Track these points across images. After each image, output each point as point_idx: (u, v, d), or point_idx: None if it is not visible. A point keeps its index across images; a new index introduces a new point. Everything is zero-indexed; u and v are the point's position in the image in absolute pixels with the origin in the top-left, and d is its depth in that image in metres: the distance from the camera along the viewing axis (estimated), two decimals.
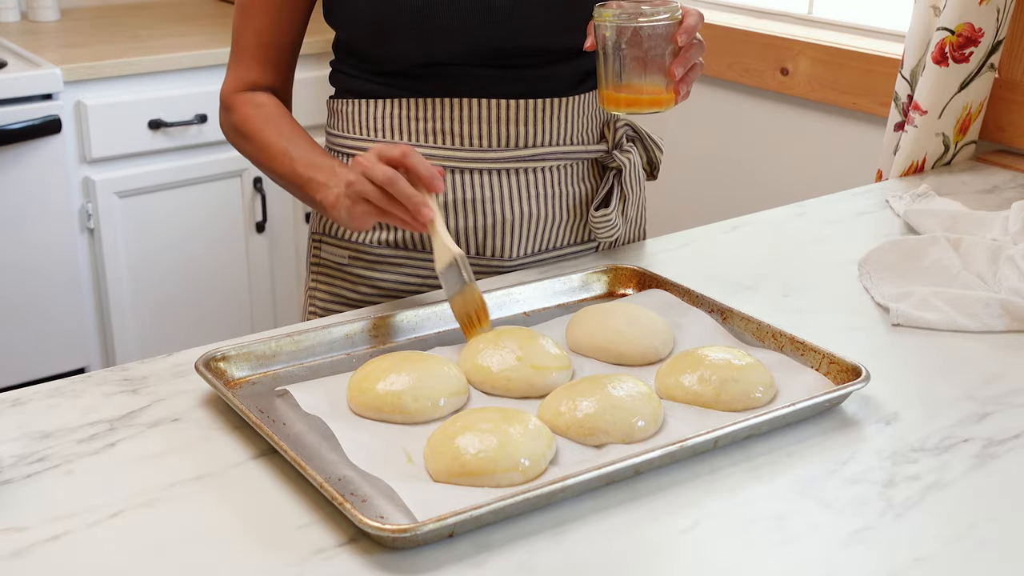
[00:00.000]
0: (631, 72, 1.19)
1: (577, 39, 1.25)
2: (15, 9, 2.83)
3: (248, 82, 1.32)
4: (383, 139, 1.31)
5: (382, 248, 1.32)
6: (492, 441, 0.90)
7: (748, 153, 2.31)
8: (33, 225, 2.39)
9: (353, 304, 1.34)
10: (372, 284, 1.33)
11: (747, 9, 2.40)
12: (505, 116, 1.28)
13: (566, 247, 1.36)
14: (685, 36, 1.17)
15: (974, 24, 1.72)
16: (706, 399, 1.01)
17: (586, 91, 1.34)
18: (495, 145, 1.28)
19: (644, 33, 1.16)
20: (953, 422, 1.03)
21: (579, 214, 1.35)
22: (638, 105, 1.21)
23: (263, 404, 1.02)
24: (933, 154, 1.82)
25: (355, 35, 1.30)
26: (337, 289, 1.36)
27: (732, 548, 0.84)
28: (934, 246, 1.38)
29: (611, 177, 1.36)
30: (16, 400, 1.03)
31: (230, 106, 1.32)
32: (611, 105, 1.21)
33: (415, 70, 1.28)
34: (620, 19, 1.16)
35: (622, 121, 1.39)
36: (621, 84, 1.19)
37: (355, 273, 1.34)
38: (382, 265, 1.32)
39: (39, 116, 2.33)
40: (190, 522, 0.86)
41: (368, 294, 1.34)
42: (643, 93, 1.19)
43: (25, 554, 0.81)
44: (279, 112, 1.31)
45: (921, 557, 0.84)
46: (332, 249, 1.35)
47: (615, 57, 1.18)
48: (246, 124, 1.30)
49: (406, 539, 0.81)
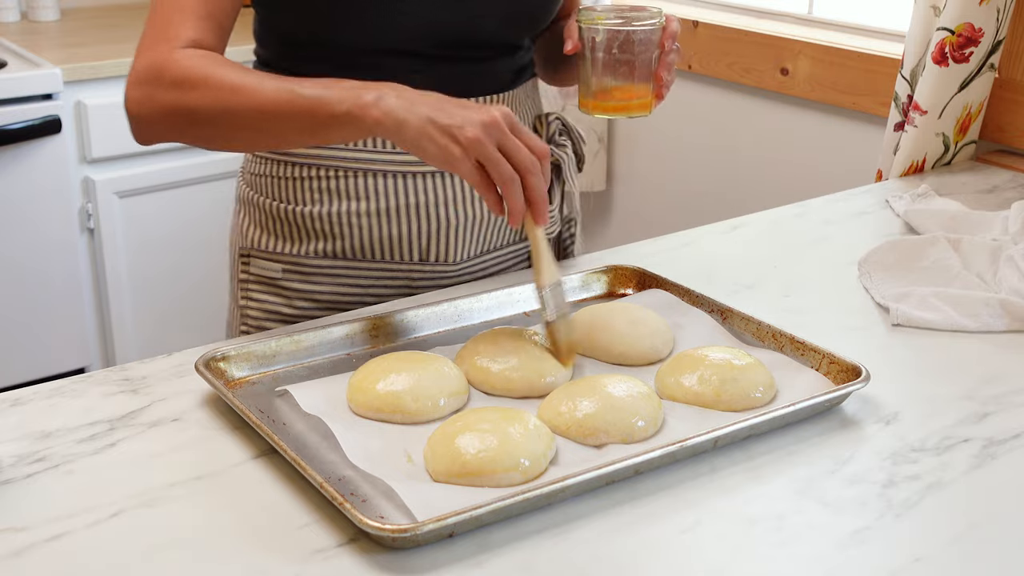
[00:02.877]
0: (619, 77, 1.18)
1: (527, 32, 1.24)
2: (15, 9, 2.83)
3: (185, 42, 1.10)
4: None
5: (319, 259, 1.26)
6: (492, 441, 0.90)
7: (748, 153, 2.31)
8: (33, 225, 2.39)
9: (288, 318, 1.28)
10: (309, 297, 1.28)
11: (747, 9, 2.40)
12: None
13: (507, 247, 1.34)
14: (671, 41, 1.17)
15: (974, 24, 1.71)
16: (706, 399, 1.01)
17: (518, 86, 1.31)
18: None
19: (636, 38, 1.16)
20: (953, 422, 1.03)
21: None
22: (627, 110, 1.20)
23: (263, 404, 1.02)
24: (933, 154, 1.82)
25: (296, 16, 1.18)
26: (271, 305, 1.29)
27: (732, 548, 0.84)
28: (934, 246, 1.38)
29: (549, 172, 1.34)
30: (16, 400, 1.03)
31: (162, 66, 1.07)
32: (597, 110, 1.20)
33: (357, 59, 1.19)
34: (612, 23, 1.16)
35: (553, 115, 1.36)
36: (608, 88, 1.19)
37: (290, 287, 1.28)
38: (319, 277, 1.27)
39: (39, 116, 2.33)
40: (190, 522, 0.85)
41: (305, 308, 1.28)
42: (631, 98, 1.19)
43: (25, 554, 0.81)
44: (235, 63, 1.10)
45: (921, 557, 0.84)
46: (262, 263, 1.29)
47: (604, 61, 1.17)
48: (193, 71, 1.07)
49: (406, 539, 0.81)
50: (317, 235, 1.26)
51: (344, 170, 1.24)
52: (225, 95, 1.05)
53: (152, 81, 1.09)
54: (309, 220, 1.26)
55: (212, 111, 1.06)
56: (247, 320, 1.31)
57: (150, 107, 1.09)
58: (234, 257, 1.34)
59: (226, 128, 1.08)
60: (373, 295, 1.28)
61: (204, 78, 1.06)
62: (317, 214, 1.25)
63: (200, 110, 1.07)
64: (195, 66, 1.07)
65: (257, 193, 1.30)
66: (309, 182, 1.25)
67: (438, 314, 1.17)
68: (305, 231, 1.26)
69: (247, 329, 1.31)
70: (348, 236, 1.25)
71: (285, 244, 1.28)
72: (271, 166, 1.28)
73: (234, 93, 1.05)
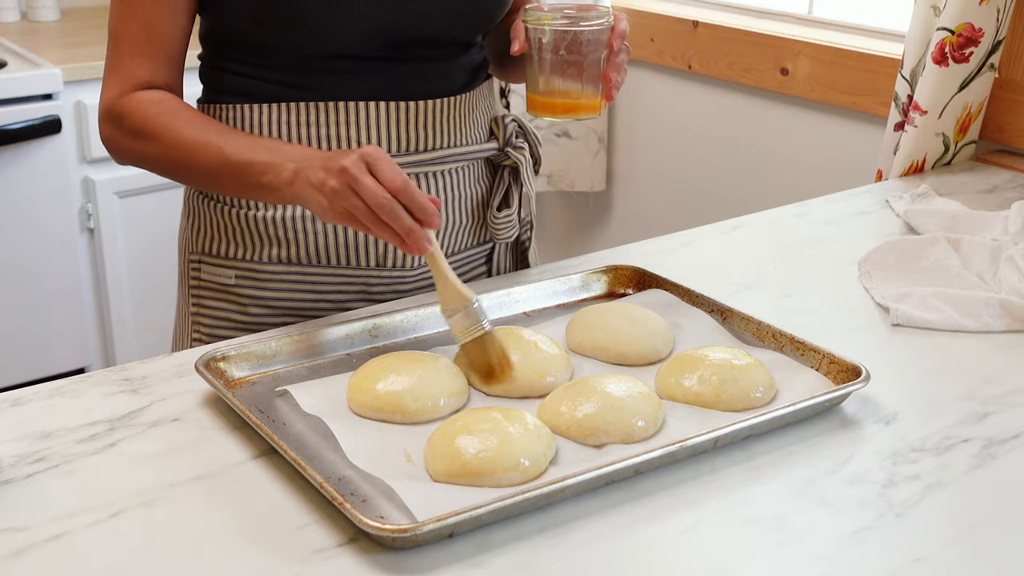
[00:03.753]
0: (567, 78, 1.15)
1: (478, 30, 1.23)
2: (15, 9, 2.83)
3: (139, 81, 1.17)
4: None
5: (273, 265, 1.23)
6: (492, 441, 0.90)
7: (748, 153, 2.31)
8: (33, 225, 2.39)
9: (243, 326, 1.25)
10: (263, 304, 1.25)
11: (747, 9, 2.40)
12: (404, 118, 1.21)
13: (464, 251, 1.32)
14: (619, 41, 1.15)
15: (974, 24, 1.71)
16: (706, 399, 1.01)
17: (477, 87, 1.30)
18: (393, 151, 1.22)
19: (583, 38, 1.13)
20: (953, 422, 1.03)
21: (476, 216, 1.31)
22: (575, 111, 1.17)
23: (263, 404, 1.02)
24: (933, 154, 1.82)
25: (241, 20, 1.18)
26: (224, 312, 1.26)
27: (732, 548, 0.84)
28: (934, 246, 1.38)
29: (507, 175, 1.31)
30: (16, 400, 1.03)
31: (121, 112, 1.16)
32: (546, 112, 1.17)
33: (310, 63, 1.19)
34: (559, 23, 1.13)
35: (510, 117, 1.34)
36: (555, 90, 1.16)
37: (243, 294, 1.25)
38: (274, 283, 1.24)
39: (39, 116, 2.33)
40: (190, 522, 0.85)
41: (259, 315, 1.25)
42: (580, 99, 1.16)
43: (25, 554, 0.81)
44: (182, 106, 1.17)
45: (921, 557, 0.84)
46: (214, 270, 1.26)
47: (551, 62, 1.15)
48: (147, 125, 1.15)
49: (406, 539, 0.81)
50: (271, 240, 1.23)
51: None
52: (173, 153, 1.14)
53: (115, 124, 1.18)
54: (262, 225, 1.22)
55: (163, 165, 1.17)
56: (199, 328, 1.28)
57: (116, 146, 1.20)
58: (184, 263, 1.30)
59: (178, 177, 1.19)
60: (329, 301, 1.25)
61: (154, 133, 1.15)
62: (270, 219, 1.22)
63: (154, 161, 1.18)
64: (149, 118, 1.15)
65: (207, 197, 1.27)
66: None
67: (438, 314, 1.17)
68: (258, 236, 1.23)
69: (199, 336, 1.28)
70: (303, 241, 1.22)
71: (238, 250, 1.24)
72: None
73: (179, 151, 1.14)
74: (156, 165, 1.18)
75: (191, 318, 1.29)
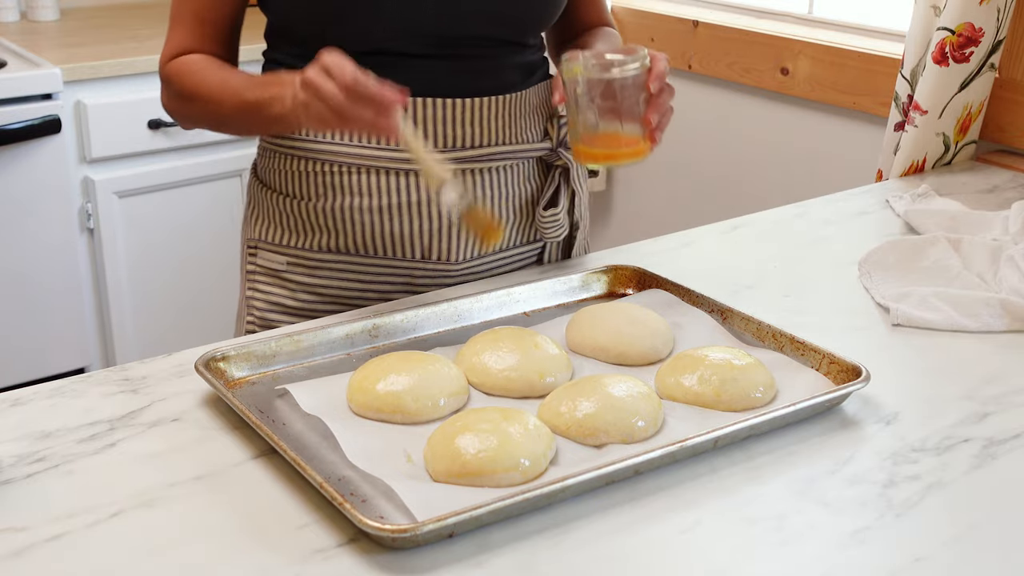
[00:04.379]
0: (606, 124, 1.14)
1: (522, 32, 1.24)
2: (15, 9, 2.83)
3: (183, 49, 1.27)
4: (326, 138, 1.25)
5: (322, 253, 1.28)
6: (492, 441, 0.90)
7: (748, 153, 2.31)
8: (33, 225, 2.39)
9: (292, 312, 1.30)
10: (312, 291, 1.29)
11: (747, 9, 2.40)
12: (452, 116, 1.24)
13: (512, 248, 1.34)
14: (657, 83, 1.13)
15: (974, 24, 1.72)
16: (706, 399, 1.01)
17: (532, 86, 1.31)
18: (442, 146, 1.24)
19: (617, 85, 1.12)
20: (953, 422, 1.03)
21: (525, 214, 1.33)
22: (616, 158, 1.17)
23: (263, 404, 1.02)
24: (933, 154, 1.82)
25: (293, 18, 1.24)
26: (275, 297, 1.31)
27: (732, 548, 0.84)
28: (934, 246, 1.38)
29: (557, 175, 1.33)
30: (16, 400, 1.03)
31: (168, 76, 1.27)
32: (588, 160, 1.17)
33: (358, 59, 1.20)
34: (591, 71, 1.12)
35: (565, 117, 1.34)
36: (596, 137, 1.15)
37: (294, 280, 1.30)
38: (322, 271, 1.28)
39: (39, 116, 2.33)
40: (190, 522, 0.85)
41: (308, 301, 1.29)
42: (620, 145, 1.15)
43: (25, 554, 0.81)
44: (212, 62, 1.25)
45: (921, 557, 0.84)
46: (268, 255, 1.31)
47: (588, 110, 1.14)
48: (185, 85, 1.24)
49: (406, 539, 0.81)
50: (321, 229, 1.27)
51: (349, 166, 1.25)
52: (209, 107, 1.23)
53: (166, 89, 1.29)
54: (314, 214, 1.27)
55: (204, 119, 1.28)
56: (253, 311, 1.33)
57: (171, 108, 1.30)
58: (243, 249, 1.37)
59: (223, 129, 1.29)
60: (375, 291, 1.29)
61: (192, 91, 1.24)
62: (321, 208, 1.26)
63: (198, 118, 1.28)
64: (185, 75, 1.25)
65: (265, 186, 1.32)
66: (315, 177, 1.26)
67: (438, 314, 1.17)
68: (310, 225, 1.28)
69: (252, 320, 1.33)
70: (351, 231, 1.26)
71: (291, 237, 1.30)
72: (279, 160, 1.30)
73: (211, 103, 1.22)
74: (204, 121, 1.28)
75: (246, 302, 1.35)
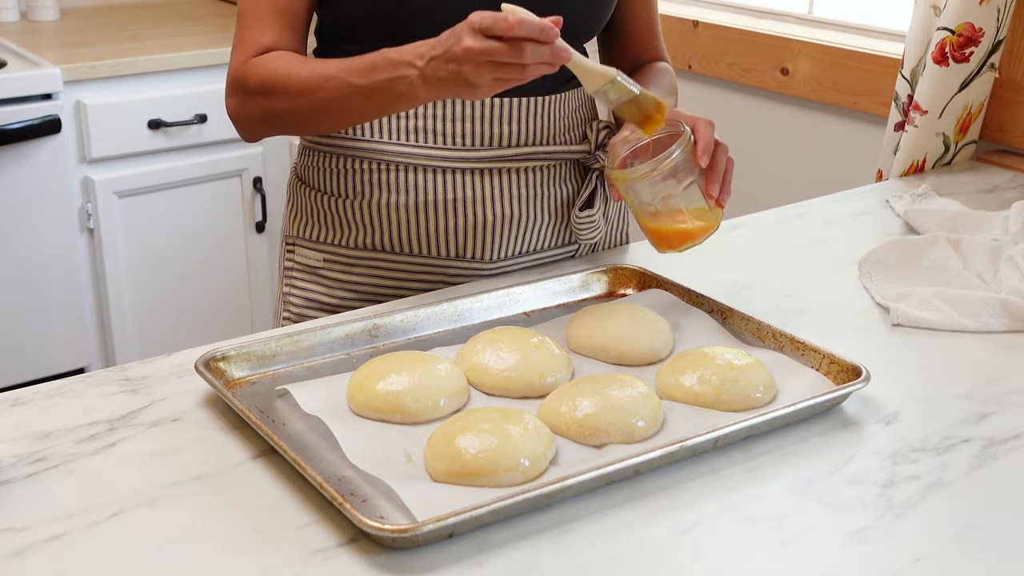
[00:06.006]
0: (670, 212, 1.15)
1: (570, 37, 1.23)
2: (15, 9, 2.83)
3: (261, 47, 1.22)
4: (365, 136, 1.27)
5: (358, 251, 1.30)
6: (492, 441, 0.90)
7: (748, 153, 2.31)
8: (33, 225, 2.39)
9: (328, 307, 1.32)
10: (348, 287, 1.31)
11: (747, 9, 2.40)
12: (490, 115, 1.25)
13: (547, 249, 1.34)
14: (706, 157, 1.13)
15: (974, 24, 1.71)
16: (706, 399, 1.01)
17: (573, 89, 1.32)
18: (479, 144, 1.26)
19: (664, 175, 1.12)
20: (953, 422, 1.03)
21: (561, 216, 1.34)
22: (691, 239, 1.17)
23: (263, 404, 1.02)
24: (933, 154, 1.82)
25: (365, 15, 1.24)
26: (311, 293, 1.33)
27: (732, 548, 0.84)
28: (934, 246, 1.38)
29: (594, 178, 1.34)
30: (16, 400, 1.03)
31: (245, 76, 1.21)
32: (664, 247, 1.18)
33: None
34: (633, 175, 1.13)
35: (603, 122, 1.36)
36: (662, 227, 1.17)
37: (330, 276, 1.32)
38: (358, 268, 1.30)
39: (39, 116, 2.33)
40: (190, 522, 0.85)
41: (344, 298, 1.31)
42: (688, 225, 1.16)
43: (25, 554, 0.81)
44: (299, 57, 1.21)
45: (921, 557, 0.84)
46: (306, 252, 1.33)
47: (648, 205, 1.15)
48: (269, 80, 1.18)
49: (406, 539, 0.81)
50: (358, 226, 1.29)
51: (386, 163, 1.26)
52: (300, 100, 1.16)
53: (239, 91, 1.22)
54: (351, 211, 1.28)
55: (291, 114, 1.19)
56: (289, 307, 1.35)
57: (243, 114, 1.23)
58: (281, 246, 1.38)
59: (308, 124, 1.22)
60: (410, 288, 1.30)
61: (278, 85, 1.17)
62: (359, 206, 1.28)
63: (284, 115, 1.20)
64: (269, 72, 1.18)
65: (305, 184, 1.34)
66: (352, 174, 1.28)
67: (438, 314, 1.17)
68: (347, 222, 1.29)
69: (288, 315, 1.35)
70: (387, 229, 1.28)
71: (328, 234, 1.31)
72: (317, 158, 1.31)
73: (304, 96, 1.16)
74: (287, 119, 1.21)
75: (283, 298, 1.37)
